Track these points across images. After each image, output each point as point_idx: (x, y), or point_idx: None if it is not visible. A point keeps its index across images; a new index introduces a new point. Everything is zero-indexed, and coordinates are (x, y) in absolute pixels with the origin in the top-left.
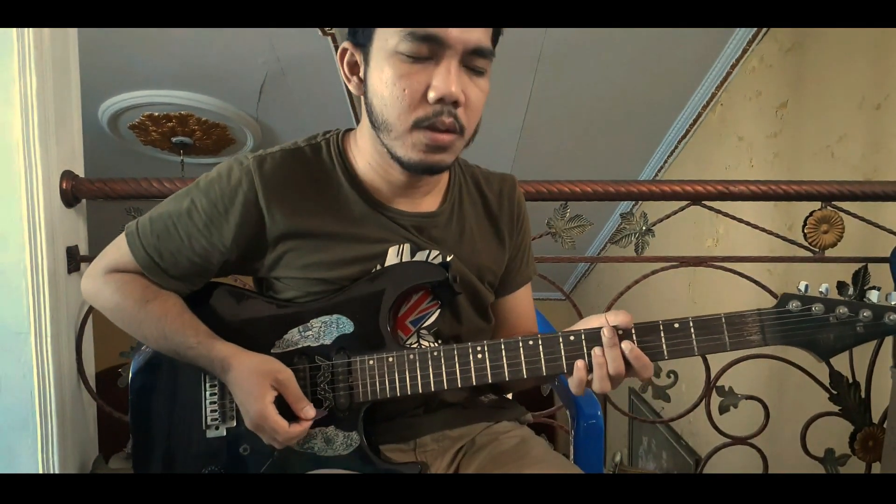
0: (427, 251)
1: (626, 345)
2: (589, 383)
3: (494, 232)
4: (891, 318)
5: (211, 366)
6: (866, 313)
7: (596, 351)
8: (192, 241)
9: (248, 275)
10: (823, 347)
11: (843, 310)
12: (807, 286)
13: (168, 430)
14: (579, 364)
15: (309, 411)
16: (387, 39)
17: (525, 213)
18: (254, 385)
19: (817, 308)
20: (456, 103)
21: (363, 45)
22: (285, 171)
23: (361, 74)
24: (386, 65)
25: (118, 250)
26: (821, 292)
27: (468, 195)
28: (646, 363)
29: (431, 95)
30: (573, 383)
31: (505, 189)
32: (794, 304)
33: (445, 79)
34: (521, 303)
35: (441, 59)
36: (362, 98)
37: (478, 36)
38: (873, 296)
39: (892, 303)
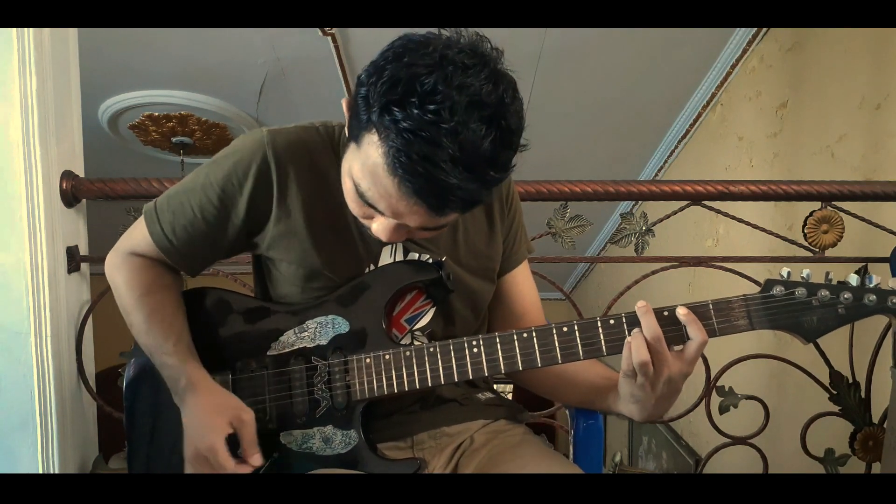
0: (418, 255)
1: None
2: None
3: (488, 221)
4: (870, 299)
5: (176, 378)
6: (846, 295)
7: (634, 330)
8: (204, 213)
9: (250, 251)
10: (808, 330)
11: (824, 293)
12: (789, 272)
13: (164, 434)
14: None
15: (257, 459)
16: (360, 159)
17: (514, 192)
18: (214, 417)
19: (800, 292)
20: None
21: (355, 136)
22: (298, 147)
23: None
24: (347, 177)
25: (140, 232)
26: (802, 277)
27: None
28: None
29: (373, 228)
30: (624, 359)
31: None
32: (777, 289)
33: (382, 230)
34: (520, 280)
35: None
36: None
37: (424, 221)
38: (853, 279)
39: (871, 285)
